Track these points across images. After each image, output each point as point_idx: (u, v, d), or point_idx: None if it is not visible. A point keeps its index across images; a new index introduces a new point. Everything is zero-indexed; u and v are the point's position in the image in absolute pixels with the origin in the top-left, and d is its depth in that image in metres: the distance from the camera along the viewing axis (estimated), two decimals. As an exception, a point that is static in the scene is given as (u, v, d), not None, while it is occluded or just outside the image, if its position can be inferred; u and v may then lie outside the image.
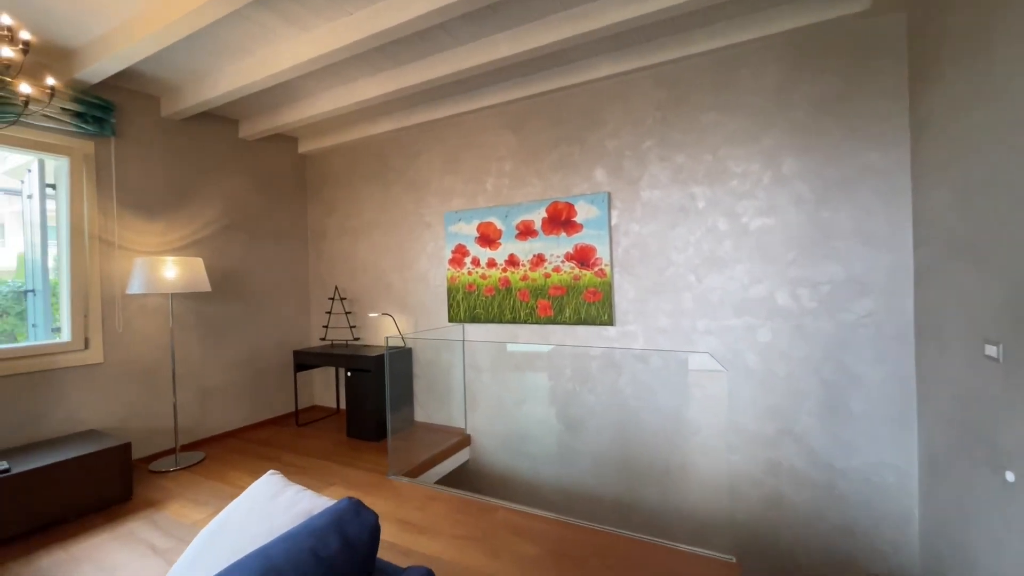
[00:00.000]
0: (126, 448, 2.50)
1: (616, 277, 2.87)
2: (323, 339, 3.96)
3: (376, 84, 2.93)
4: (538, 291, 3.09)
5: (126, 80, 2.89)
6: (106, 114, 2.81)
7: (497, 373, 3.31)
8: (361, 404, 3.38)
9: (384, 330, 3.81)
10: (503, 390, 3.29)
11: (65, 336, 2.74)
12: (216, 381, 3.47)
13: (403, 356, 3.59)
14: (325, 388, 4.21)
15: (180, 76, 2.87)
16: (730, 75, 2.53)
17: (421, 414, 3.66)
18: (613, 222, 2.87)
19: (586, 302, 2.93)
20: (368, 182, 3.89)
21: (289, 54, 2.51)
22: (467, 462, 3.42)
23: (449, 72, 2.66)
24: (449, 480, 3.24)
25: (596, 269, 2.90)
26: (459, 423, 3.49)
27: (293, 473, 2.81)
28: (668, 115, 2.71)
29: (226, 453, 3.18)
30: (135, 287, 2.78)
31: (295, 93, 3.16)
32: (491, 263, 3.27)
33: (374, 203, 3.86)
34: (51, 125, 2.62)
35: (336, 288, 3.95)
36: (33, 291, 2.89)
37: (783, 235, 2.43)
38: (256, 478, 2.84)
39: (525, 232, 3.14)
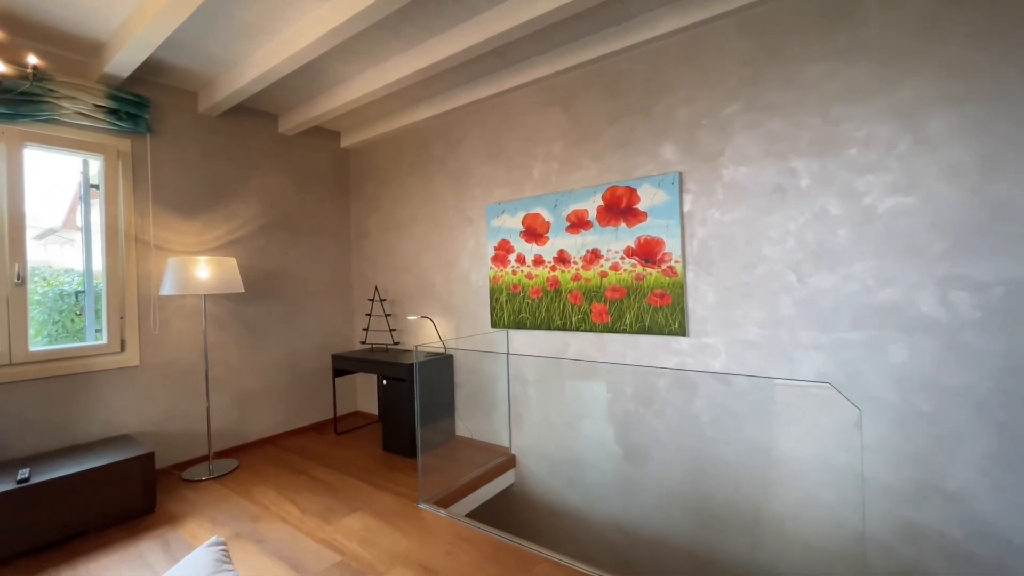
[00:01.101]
0: (148, 458, 2.37)
1: (690, 276, 2.33)
2: (363, 342, 3.74)
3: (408, 61, 2.62)
4: (592, 293, 2.63)
5: (161, 75, 2.81)
6: (140, 110, 2.73)
7: (545, 386, 2.88)
8: (397, 416, 3.10)
9: (425, 334, 3.51)
10: (551, 407, 2.85)
11: (102, 338, 2.69)
12: (254, 385, 3.36)
13: (443, 364, 3.27)
14: (368, 393, 4.01)
15: (210, 66, 2.73)
16: (848, 8, 1.92)
17: (463, 428, 3.32)
18: (686, 208, 2.34)
19: (651, 307, 2.42)
20: (410, 174, 3.62)
21: (311, 28, 2.25)
22: (511, 487, 3.02)
23: (485, 37, 2.27)
24: (489, 508, 2.87)
25: (664, 267, 2.38)
26: (503, 441, 3.10)
27: (322, 492, 2.57)
28: (759, 71, 2.13)
29: (259, 462, 3.03)
30: (167, 288, 2.68)
31: (328, 79, 2.94)
32: (538, 260, 2.85)
33: (416, 197, 3.58)
34: (86, 123, 2.57)
35: (376, 289, 3.72)
36: (83, 292, 2.89)
37: (929, 219, 1.78)
38: (283, 495, 2.66)
39: (577, 224, 2.68)
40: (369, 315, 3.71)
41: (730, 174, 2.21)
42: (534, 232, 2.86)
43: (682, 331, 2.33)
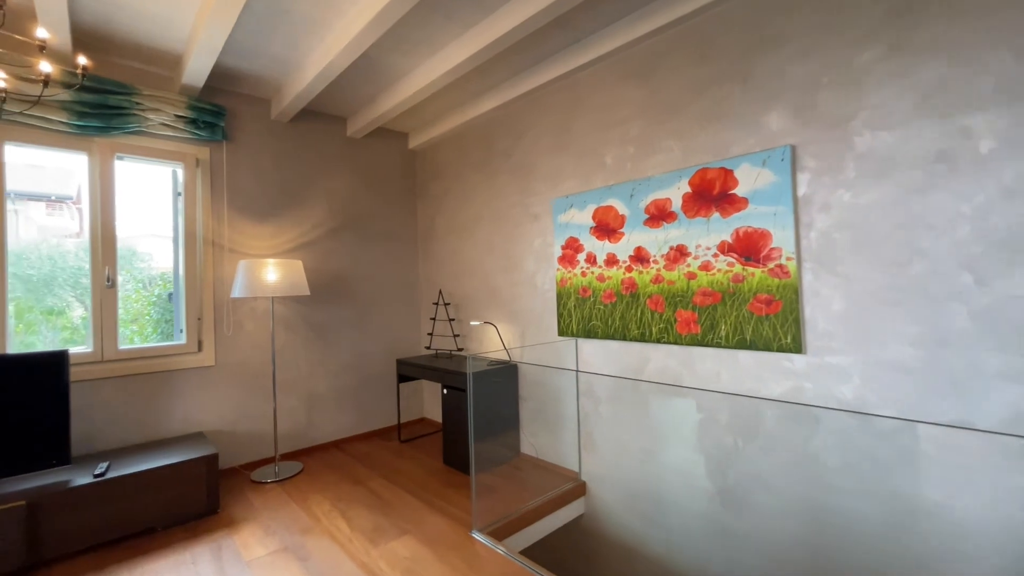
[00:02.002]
0: (213, 459, 2.38)
1: (807, 278, 1.82)
2: (428, 348, 3.61)
3: (465, 44, 2.40)
4: (677, 298, 2.19)
5: (234, 84, 2.89)
6: (217, 119, 2.82)
7: (620, 405, 2.48)
8: (458, 427, 2.89)
9: (489, 341, 3.28)
10: (628, 429, 2.45)
11: (182, 338, 2.81)
12: (322, 388, 3.36)
13: (507, 374, 3.01)
14: (435, 400, 3.88)
15: (275, 69, 2.74)
16: None
17: (528, 445, 3.02)
18: (801, 191, 1.83)
19: (753, 315, 1.94)
20: (474, 172, 3.42)
21: (361, 15, 2.13)
22: (580, 518, 2.66)
23: (546, 3, 1.98)
24: (552, 544, 2.54)
25: (771, 265, 1.89)
26: (572, 464, 2.75)
27: (375, 507, 2.43)
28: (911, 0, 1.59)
29: (322, 468, 2.99)
30: (237, 290, 2.72)
31: (389, 74, 2.83)
32: (611, 260, 2.47)
33: (480, 196, 3.38)
34: (169, 133, 2.70)
35: (440, 292, 3.57)
36: (174, 294, 3.07)
37: None
38: (336, 507, 2.54)
39: (658, 216, 2.27)
40: (434, 319, 3.57)
41: (866, 142, 1.68)
42: (606, 227, 2.49)
43: (797, 347, 1.82)
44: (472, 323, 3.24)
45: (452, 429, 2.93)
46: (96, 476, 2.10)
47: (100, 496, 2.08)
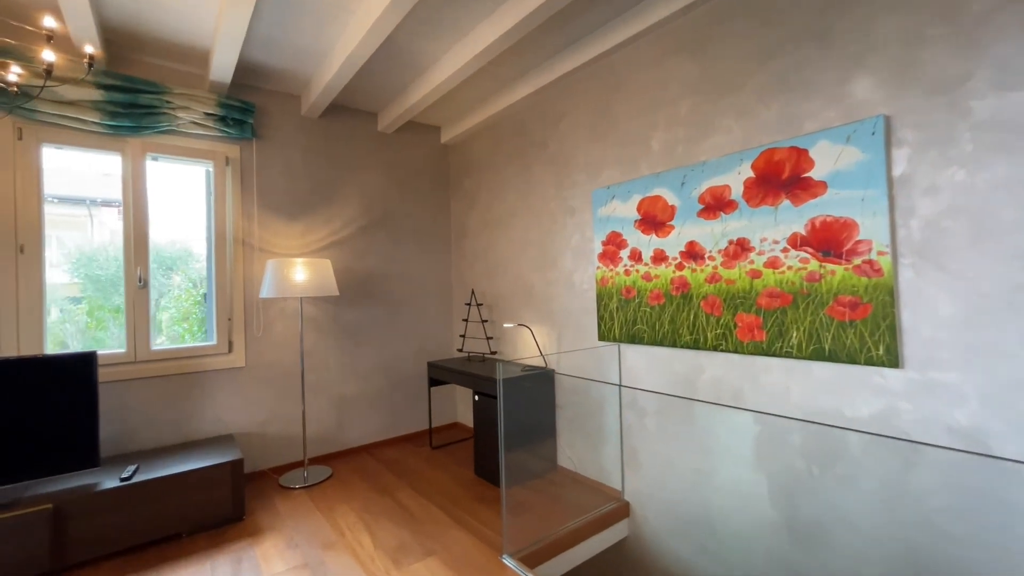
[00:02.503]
0: (238, 465, 2.32)
1: (905, 275, 1.50)
2: (460, 350, 3.46)
3: (495, 23, 2.21)
4: (738, 299, 1.91)
5: (263, 79, 2.83)
6: (245, 116, 2.77)
7: (669, 418, 2.22)
8: (490, 436, 2.71)
9: (524, 345, 3.08)
10: (678, 445, 2.18)
11: (212, 339, 2.78)
12: (352, 390, 3.27)
13: (543, 380, 2.79)
14: (468, 404, 3.72)
15: (302, 61, 2.65)
16: None
17: (565, 458, 2.80)
18: (899, 170, 1.51)
19: (834, 321, 1.63)
20: (508, 164, 3.23)
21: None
22: (622, 543, 2.41)
23: (585, -34, 1.75)
24: (592, 570, 2.30)
25: (857, 261, 1.58)
26: (614, 482, 2.50)
27: (402, 521, 2.28)
28: (1054, -78, 1.25)
29: (351, 473, 2.88)
30: (266, 290, 2.66)
31: (417, 62, 2.69)
32: (658, 256, 2.21)
33: (514, 189, 3.18)
34: (199, 132, 2.66)
35: (472, 292, 3.40)
36: (207, 294, 3.06)
37: None
38: (362, 520, 2.45)
39: (714, 206, 1.99)
40: (466, 321, 3.41)
41: (986, 108, 1.35)
42: (653, 220, 2.23)
43: (892, 360, 1.50)
44: (505, 325, 3.05)
45: (484, 438, 2.75)
46: (123, 480, 2.07)
47: (127, 500, 2.04)
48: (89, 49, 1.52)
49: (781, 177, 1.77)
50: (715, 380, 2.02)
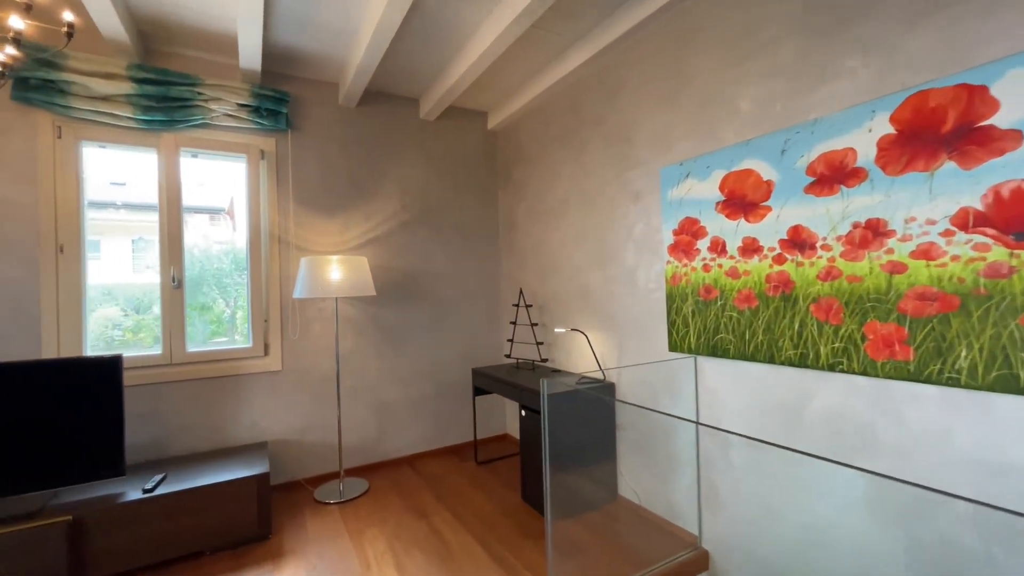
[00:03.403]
0: (264, 480, 2.14)
1: None
2: (508, 356, 3.12)
3: (540, -31, 1.84)
4: (868, 302, 1.40)
5: (296, 67, 2.67)
6: (279, 106, 2.62)
7: (763, 453, 1.73)
8: (539, 457, 2.35)
9: (579, 352, 2.69)
10: (775, 489, 1.69)
11: (247, 341, 2.66)
12: (393, 396, 3.05)
13: (601, 394, 2.39)
14: (517, 415, 3.39)
15: (333, 43, 2.45)
16: None
17: (627, 488, 2.37)
18: None
19: (1036, 336, 1.10)
20: (559, 147, 2.85)
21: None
22: (700, 603, 1.95)
23: None
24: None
25: (1082, 246, 1.04)
26: (689, 524, 2.05)
27: (434, 554, 2.00)
28: None
29: (388, 489, 2.65)
30: (300, 290, 2.49)
31: (453, 35, 2.39)
32: (749, 247, 1.73)
33: (565, 175, 2.79)
34: (232, 124, 2.55)
35: (521, 292, 3.06)
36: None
37: None
38: (391, 549, 2.21)
39: (830, 176, 1.48)
40: (514, 324, 3.07)
41: None
42: (741, 201, 1.75)
43: None
44: (557, 330, 2.66)
45: (532, 458, 2.40)
46: (146, 492, 1.95)
47: (148, 513, 1.92)
48: (68, 16, 1.35)
49: (940, 130, 1.24)
50: (831, 411, 1.52)
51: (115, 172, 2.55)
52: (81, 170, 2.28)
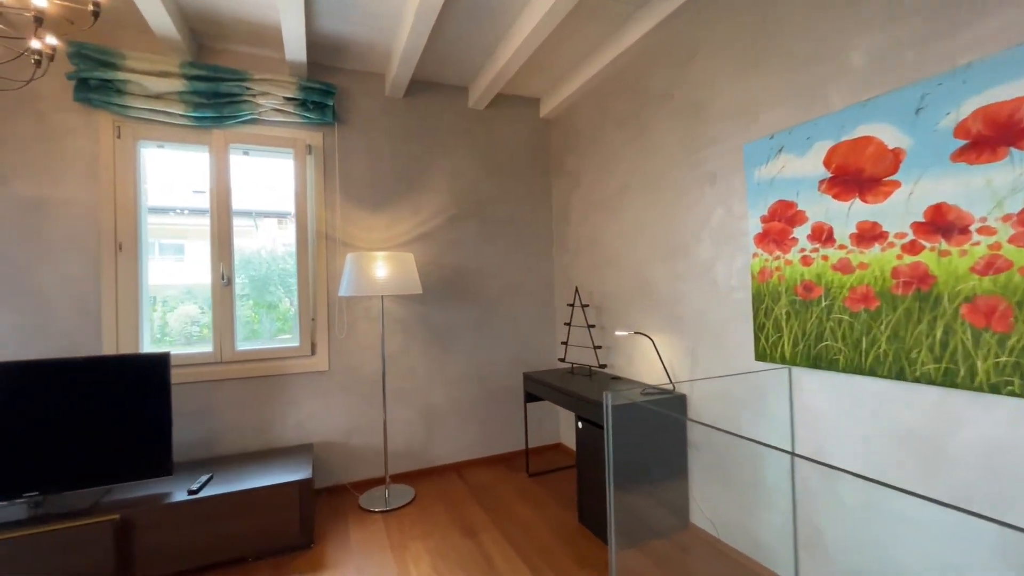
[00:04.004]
0: (306, 486, 2.05)
1: None
2: (562, 360, 2.89)
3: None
4: (1053, 304, 1.04)
5: (342, 58, 2.59)
6: (325, 98, 2.54)
7: (883, 495, 1.38)
8: (598, 475, 2.10)
9: (641, 357, 2.40)
10: (896, 536, 1.34)
11: (294, 340, 2.61)
12: (441, 400, 2.91)
13: (670, 407, 2.09)
14: (572, 423, 3.15)
15: (375, 30, 2.33)
16: None
17: (700, 515, 2.06)
18: None
19: None
20: (618, 129, 2.57)
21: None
22: (798, 666, 1.62)
23: None
24: None
25: None
26: (781, 566, 1.72)
27: (479, 577, 1.80)
28: None
29: (435, 498, 2.51)
30: (345, 288, 2.39)
31: (500, 14, 2.19)
32: (867, 233, 1.39)
33: (626, 159, 2.51)
34: (279, 119, 2.50)
35: (576, 290, 2.81)
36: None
37: None
38: (435, 569, 1.71)
39: (992, 138, 1.13)
40: (568, 325, 2.83)
41: None
42: (856, 176, 1.41)
43: None
44: (617, 333, 2.39)
45: (589, 474, 2.15)
46: (191, 493, 1.91)
47: (194, 515, 1.88)
48: (51, 40, 1.28)
49: None
50: (991, 445, 1.16)
51: (198, 181, 2.60)
52: (139, 169, 2.31)
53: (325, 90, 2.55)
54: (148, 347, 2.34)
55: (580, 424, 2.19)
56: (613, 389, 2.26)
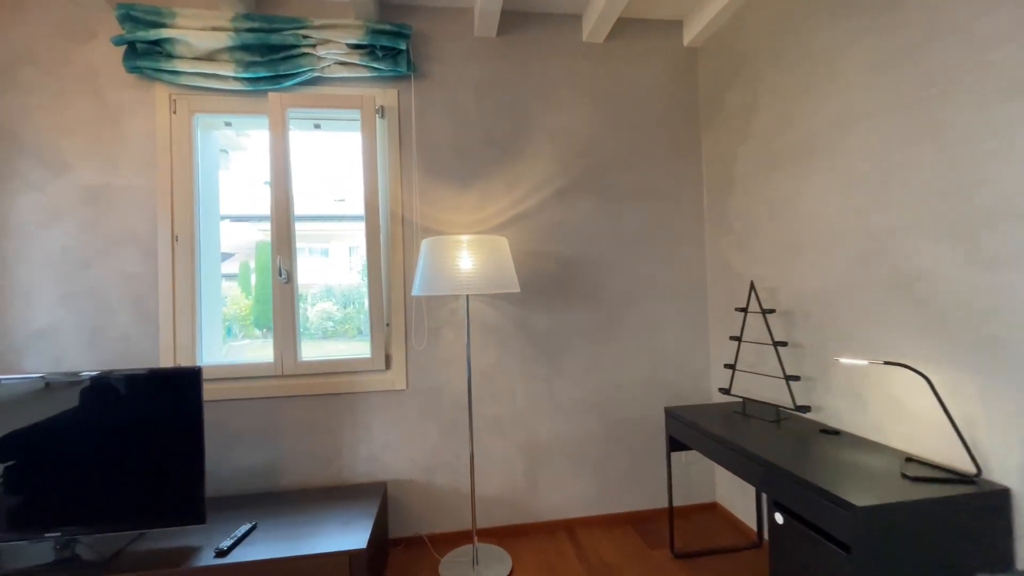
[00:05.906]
0: (358, 559, 1.48)
1: None
2: (725, 390, 1.94)
3: None
4: None
5: (419, -15, 2.00)
6: (397, 41, 1.98)
7: None
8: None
9: (898, 408, 1.39)
10: None
11: (366, 350, 2.10)
12: (546, 433, 2.19)
13: (972, 509, 1.07)
14: (734, 478, 2.19)
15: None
16: None
17: None
18: None
19: None
20: (811, 40, 1.56)
21: None
22: None
23: None
24: None
25: None
26: None
27: None
28: None
29: (538, 572, 1.79)
30: (418, 285, 1.80)
31: None
32: None
33: (830, 82, 1.49)
34: (344, 74, 2.01)
35: (752, 286, 1.85)
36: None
37: None
38: None
39: None
40: (738, 340, 1.89)
41: None
42: None
43: None
44: (843, 361, 1.39)
45: (794, 610, 1.23)
46: (218, 554, 1.47)
47: (221, 584, 1.43)
48: None
49: None
50: None
51: (338, 191, 2.38)
52: (197, 149, 2.00)
53: (397, 32, 1.99)
54: (211, 358, 2.03)
55: (780, 519, 1.27)
56: (837, 459, 1.30)
